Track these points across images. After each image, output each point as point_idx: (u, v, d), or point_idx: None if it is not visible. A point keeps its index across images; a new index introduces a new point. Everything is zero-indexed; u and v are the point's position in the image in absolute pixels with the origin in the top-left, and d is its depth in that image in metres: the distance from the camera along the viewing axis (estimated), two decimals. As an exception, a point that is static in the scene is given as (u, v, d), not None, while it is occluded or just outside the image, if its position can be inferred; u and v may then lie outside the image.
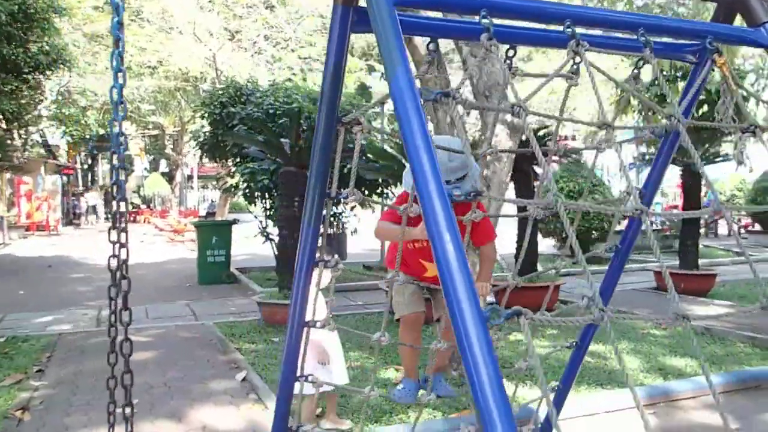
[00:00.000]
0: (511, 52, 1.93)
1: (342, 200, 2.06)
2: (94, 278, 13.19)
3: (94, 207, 33.23)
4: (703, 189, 11.80)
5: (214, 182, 38.66)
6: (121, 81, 2.10)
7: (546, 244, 13.98)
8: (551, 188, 1.49)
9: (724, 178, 22.41)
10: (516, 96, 1.57)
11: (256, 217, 12.20)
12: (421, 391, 2.97)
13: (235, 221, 13.48)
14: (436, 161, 1.38)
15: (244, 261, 15.12)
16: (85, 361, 6.43)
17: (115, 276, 2.30)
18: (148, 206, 38.94)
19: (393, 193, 12.22)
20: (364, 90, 22.72)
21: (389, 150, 8.84)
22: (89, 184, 39.70)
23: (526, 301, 2.26)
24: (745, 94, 1.98)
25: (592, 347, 5.38)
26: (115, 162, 2.22)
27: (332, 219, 13.90)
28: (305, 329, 2.34)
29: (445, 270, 1.27)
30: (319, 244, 2.19)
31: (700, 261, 10.92)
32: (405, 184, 2.87)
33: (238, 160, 12.24)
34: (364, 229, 15.11)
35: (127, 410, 2.48)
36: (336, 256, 2.26)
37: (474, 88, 6.32)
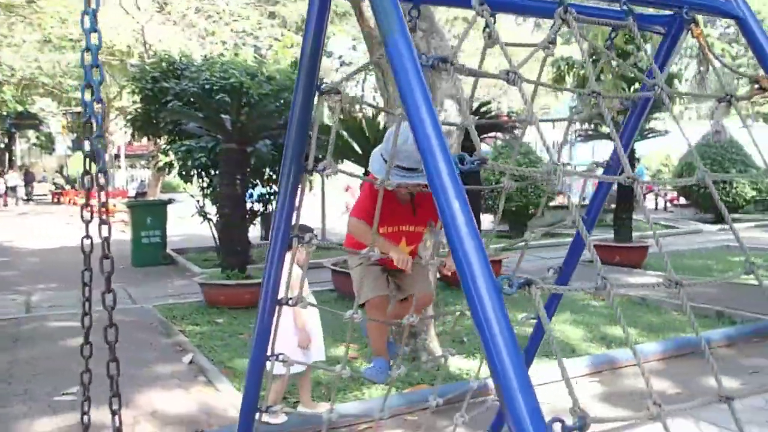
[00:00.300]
0: (492, 20, 1.89)
1: (320, 173, 1.98)
2: (19, 262, 12.60)
3: (14, 188, 31.62)
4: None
5: (143, 161, 37.46)
6: (95, 42, 1.94)
7: (486, 220, 14.19)
8: (549, 160, 1.47)
9: (650, 155, 23.27)
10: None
11: (192, 196, 11.88)
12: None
13: (170, 201, 13.09)
14: (440, 128, 1.33)
15: (179, 242, 14.73)
16: (19, 350, 6.13)
17: (88, 259, 2.15)
18: (73, 187, 37.35)
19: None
20: (296, 67, 22.35)
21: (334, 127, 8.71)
22: (7, 164, 37.76)
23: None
24: (718, 65, 2.01)
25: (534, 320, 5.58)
26: (94, 130, 2.08)
27: (269, 197, 13.70)
28: (278, 307, 2.27)
29: (456, 240, 1.24)
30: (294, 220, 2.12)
31: (633, 234, 11.34)
32: (377, 166, 2.76)
33: (173, 137, 11.83)
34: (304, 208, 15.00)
35: (114, 404, 2.36)
36: (312, 232, 2.20)
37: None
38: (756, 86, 1.96)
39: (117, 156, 37.78)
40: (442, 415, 4.45)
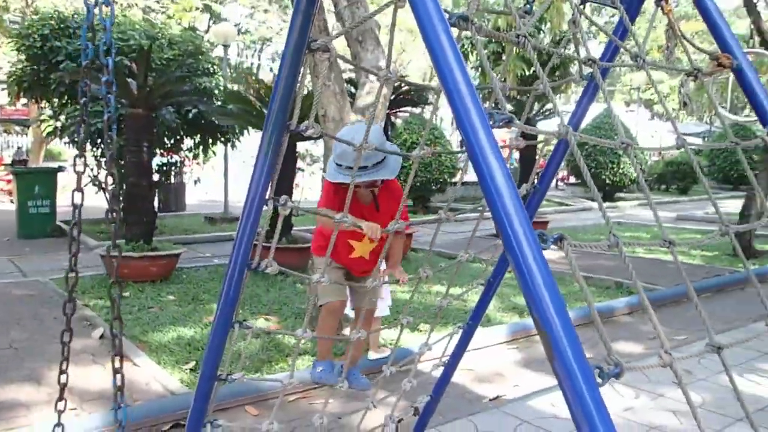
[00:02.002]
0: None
1: (301, 132, 1.93)
2: None
3: None
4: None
5: (18, 126, 34.78)
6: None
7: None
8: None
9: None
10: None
11: (86, 165, 11.20)
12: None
13: (60, 168, 12.30)
14: (473, 86, 1.33)
15: (68, 213, 13.88)
16: None
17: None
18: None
19: (240, 140, 11.80)
20: (193, 31, 21.49)
21: (249, 96, 8.48)
22: None
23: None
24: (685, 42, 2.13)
25: (453, 290, 5.74)
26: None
27: (172, 168, 13.19)
28: (246, 272, 2.20)
29: (496, 196, 1.25)
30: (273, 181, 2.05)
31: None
32: (331, 172, 2.77)
33: (64, 100, 11.07)
34: (207, 179, 14.55)
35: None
36: (285, 196, 2.14)
37: (347, 34, 6.22)
38: (716, 63, 2.09)
39: (-12, 120, 34.90)
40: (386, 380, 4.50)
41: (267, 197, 2.09)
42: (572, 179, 22.17)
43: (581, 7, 2.31)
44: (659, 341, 1.40)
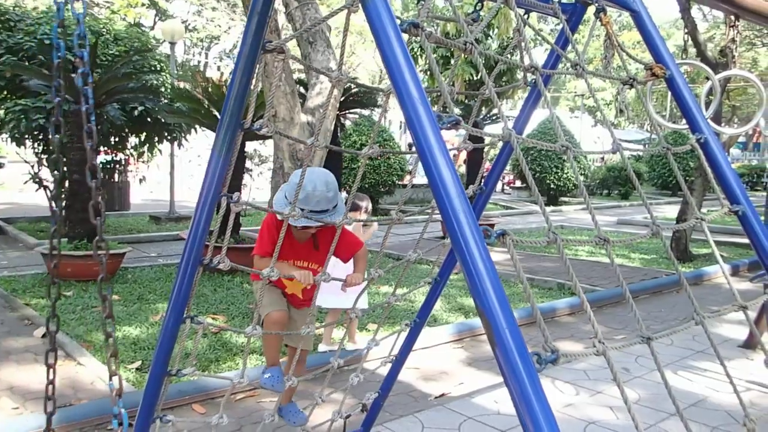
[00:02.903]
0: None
1: (255, 131, 1.97)
2: None
3: None
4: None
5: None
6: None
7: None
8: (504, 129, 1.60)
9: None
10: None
11: (26, 161, 10.89)
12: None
13: (0, 164, 11.90)
14: (423, 91, 1.41)
15: (5, 210, 13.46)
16: None
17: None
18: None
19: (187, 139, 11.64)
20: (139, 27, 21.06)
21: (197, 94, 8.39)
22: None
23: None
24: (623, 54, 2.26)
25: (400, 290, 5.87)
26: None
27: (116, 166, 12.93)
28: (199, 268, 2.23)
29: (444, 196, 1.33)
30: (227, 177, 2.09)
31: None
32: (281, 206, 2.82)
33: (3, 94, 10.71)
34: (151, 178, 14.30)
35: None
36: (245, 185, 2.18)
37: (295, 36, 6.26)
38: (650, 72, 2.23)
39: None
40: (314, 383, 4.55)
41: (220, 194, 2.12)
42: (518, 183, 22.63)
43: (525, 16, 2.43)
44: (594, 332, 1.51)
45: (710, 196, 10.46)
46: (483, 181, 2.88)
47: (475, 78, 15.17)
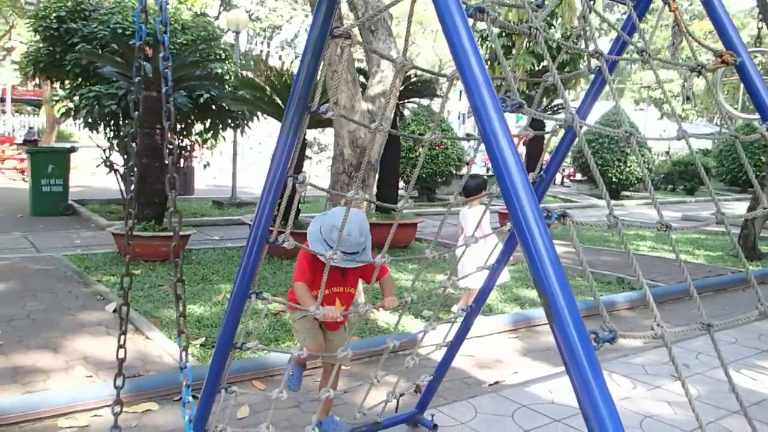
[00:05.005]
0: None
1: (321, 114, 2.04)
2: None
3: None
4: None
5: (30, 107, 34.93)
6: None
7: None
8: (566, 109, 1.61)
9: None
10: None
11: (98, 146, 11.35)
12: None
13: (73, 148, 12.44)
14: (487, 73, 1.44)
15: (79, 193, 14.06)
16: None
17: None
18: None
19: (250, 127, 11.90)
20: (204, 17, 21.53)
21: (259, 82, 8.58)
22: None
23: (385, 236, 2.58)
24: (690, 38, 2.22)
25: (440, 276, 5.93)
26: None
27: (181, 152, 13.31)
28: (266, 246, 2.32)
29: (506, 176, 1.36)
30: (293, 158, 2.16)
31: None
32: (316, 243, 2.96)
33: (78, 82, 11.19)
34: (214, 164, 14.67)
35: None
36: (305, 171, 2.26)
37: (360, 23, 6.32)
38: (719, 59, 2.19)
39: (2, 100, 35.05)
40: (369, 365, 4.64)
41: (287, 174, 2.20)
42: (578, 176, 22.21)
43: (591, 2, 2.42)
44: (652, 316, 1.52)
45: (782, 193, 10.04)
46: (543, 169, 2.89)
47: (536, 68, 14.96)
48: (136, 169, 2.44)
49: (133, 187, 2.49)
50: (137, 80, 2.21)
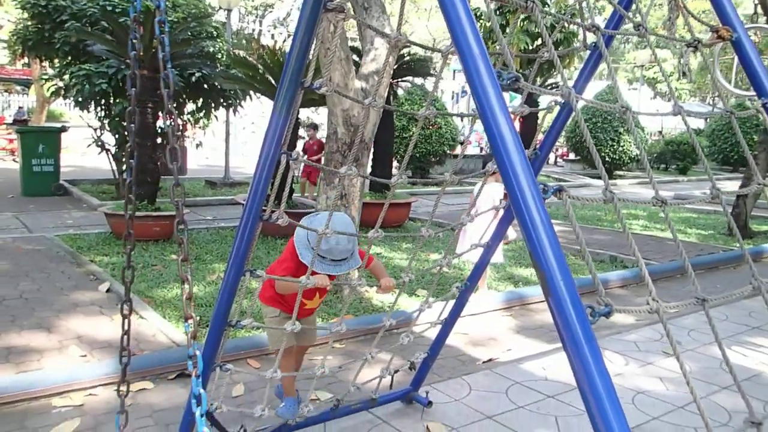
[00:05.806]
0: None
1: (315, 89, 2.02)
2: None
3: None
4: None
5: (20, 86, 34.54)
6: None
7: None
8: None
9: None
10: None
11: (89, 125, 11.26)
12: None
13: (64, 128, 12.33)
14: (484, 47, 1.42)
15: (70, 173, 13.97)
16: None
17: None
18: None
19: (242, 105, 11.81)
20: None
21: (251, 60, 8.50)
22: None
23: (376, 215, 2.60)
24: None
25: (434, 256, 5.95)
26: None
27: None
28: (259, 224, 2.30)
29: (503, 151, 1.35)
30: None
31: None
32: (303, 249, 2.94)
33: (68, 60, 11.05)
34: (206, 144, 14.59)
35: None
36: (298, 150, 2.24)
37: (352, 0, 6.25)
38: (716, 35, 2.18)
39: (-10, 79, 34.64)
40: (364, 344, 4.66)
41: (281, 151, 2.18)
42: (572, 156, 22.22)
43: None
44: (646, 293, 1.52)
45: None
46: (538, 146, 2.87)
47: (530, 47, 14.91)
48: (131, 150, 2.39)
49: (132, 171, 2.41)
50: (132, 54, 2.17)
